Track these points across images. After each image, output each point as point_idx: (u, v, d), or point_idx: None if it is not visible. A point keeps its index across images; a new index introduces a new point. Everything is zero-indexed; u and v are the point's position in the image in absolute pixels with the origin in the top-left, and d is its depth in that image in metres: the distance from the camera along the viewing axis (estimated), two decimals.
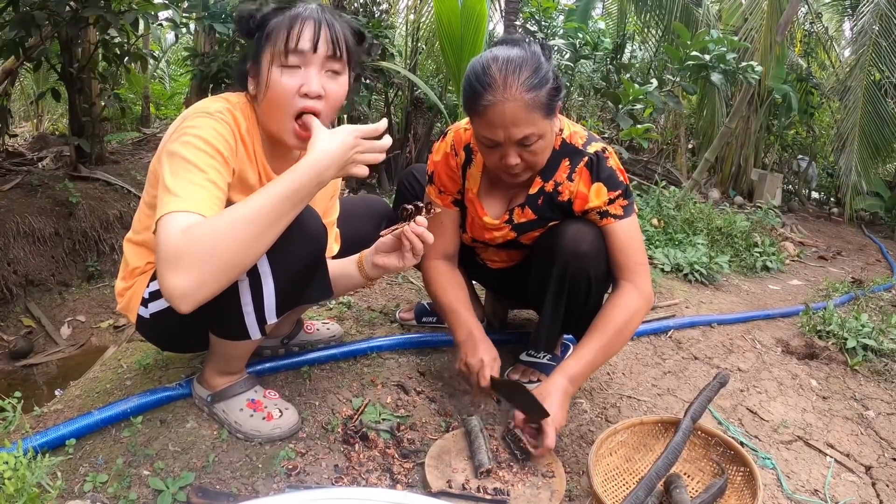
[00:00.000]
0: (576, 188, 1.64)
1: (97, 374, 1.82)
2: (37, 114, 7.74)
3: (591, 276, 1.63)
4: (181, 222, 1.11)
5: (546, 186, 1.66)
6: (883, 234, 6.81)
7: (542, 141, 1.50)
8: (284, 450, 1.46)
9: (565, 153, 1.64)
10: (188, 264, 1.08)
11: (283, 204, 1.16)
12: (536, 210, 1.69)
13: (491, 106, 1.43)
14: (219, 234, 1.10)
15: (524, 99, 1.42)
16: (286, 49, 1.29)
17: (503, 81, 1.42)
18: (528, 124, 1.45)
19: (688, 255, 3.57)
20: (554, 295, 1.68)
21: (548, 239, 1.69)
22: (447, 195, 1.79)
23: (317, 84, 1.30)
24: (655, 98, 4.42)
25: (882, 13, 6.45)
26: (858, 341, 2.52)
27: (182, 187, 1.17)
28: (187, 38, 7.92)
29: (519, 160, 1.51)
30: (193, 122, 1.27)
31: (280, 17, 1.33)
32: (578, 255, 1.60)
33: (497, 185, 1.73)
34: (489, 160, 1.59)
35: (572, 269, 1.62)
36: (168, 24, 4.36)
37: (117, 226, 3.94)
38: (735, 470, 1.47)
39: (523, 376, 1.89)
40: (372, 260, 1.48)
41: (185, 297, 1.09)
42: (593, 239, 1.62)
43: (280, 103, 1.31)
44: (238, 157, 1.34)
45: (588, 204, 1.63)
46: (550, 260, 1.65)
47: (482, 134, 1.51)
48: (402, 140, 5.83)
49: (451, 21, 4.19)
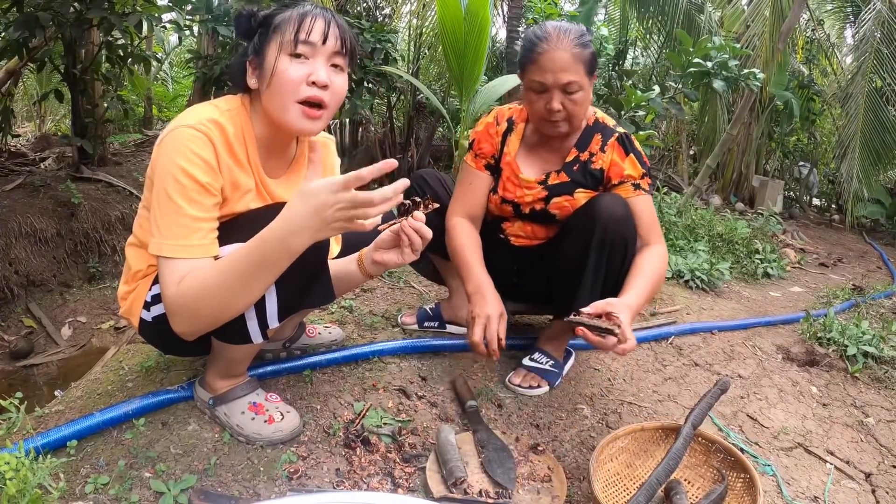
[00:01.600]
0: (609, 158, 1.85)
1: (98, 376, 1.82)
2: (39, 114, 7.75)
3: (628, 239, 1.74)
4: (175, 274, 1.26)
5: (581, 156, 1.87)
6: (884, 241, 6.80)
7: (582, 93, 1.73)
8: (286, 453, 1.46)
9: (597, 129, 1.88)
10: (182, 317, 1.28)
11: (253, 270, 1.22)
12: (571, 174, 1.87)
13: (544, 53, 1.70)
14: (199, 296, 1.24)
15: (572, 51, 1.69)
16: (296, 39, 1.31)
17: (556, 35, 1.71)
18: (573, 72, 1.70)
19: (689, 262, 3.57)
20: (595, 259, 1.74)
21: (583, 210, 1.81)
22: (482, 158, 1.98)
23: (325, 74, 1.33)
24: (657, 104, 4.43)
25: (884, 20, 6.46)
26: (859, 348, 2.52)
27: (170, 230, 1.27)
28: (190, 41, 7.95)
29: (561, 107, 1.73)
30: (175, 141, 1.29)
31: (288, 12, 1.35)
32: (617, 218, 1.72)
33: (534, 152, 1.93)
34: (536, 108, 1.79)
35: (612, 231, 1.71)
36: (171, 27, 4.36)
37: (119, 227, 3.95)
38: (735, 476, 1.47)
39: (524, 381, 1.90)
40: (372, 257, 1.48)
41: (187, 335, 1.33)
42: (626, 206, 1.76)
43: (286, 89, 1.32)
44: (224, 169, 1.35)
45: (624, 172, 1.83)
46: (590, 227, 1.73)
47: (534, 79, 1.74)
48: (404, 144, 5.83)
49: (454, 26, 4.20)
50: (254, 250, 1.20)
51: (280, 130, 1.42)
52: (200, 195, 1.29)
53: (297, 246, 1.17)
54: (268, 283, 1.25)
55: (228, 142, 1.36)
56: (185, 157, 1.27)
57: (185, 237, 1.28)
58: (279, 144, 1.47)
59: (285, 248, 1.17)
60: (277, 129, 1.42)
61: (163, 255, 1.28)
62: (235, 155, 1.38)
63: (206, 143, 1.30)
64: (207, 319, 1.29)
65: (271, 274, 1.23)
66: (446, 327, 2.21)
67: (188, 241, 1.28)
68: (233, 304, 1.26)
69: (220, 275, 1.24)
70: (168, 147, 1.29)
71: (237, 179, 1.39)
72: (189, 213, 1.28)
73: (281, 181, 1.51)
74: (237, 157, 1.38)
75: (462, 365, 2.01)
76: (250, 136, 1.41)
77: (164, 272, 1.28)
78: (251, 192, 1.43)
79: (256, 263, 1.20)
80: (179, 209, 1.27)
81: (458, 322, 2.20)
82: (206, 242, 1.30)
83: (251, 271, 1.21)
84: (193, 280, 1.25)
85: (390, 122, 5.83)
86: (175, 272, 1.27)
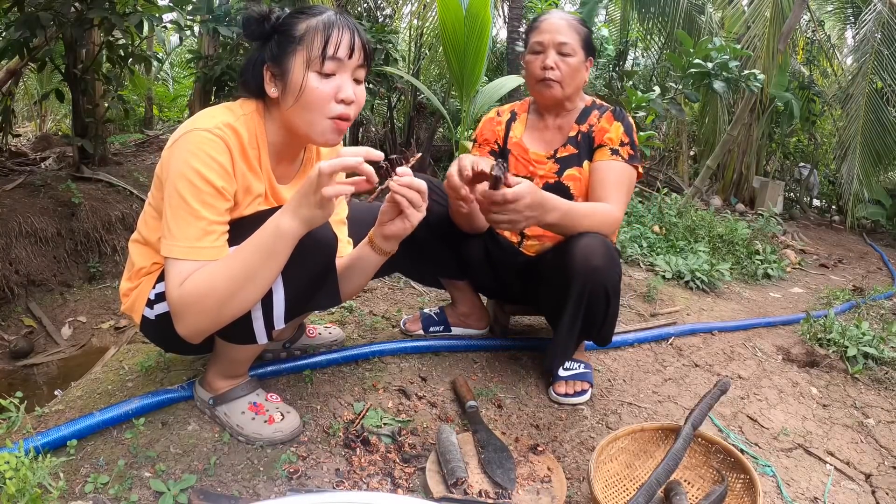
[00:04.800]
0: (601, 124, 1.93)
1: (98, 375, 1.82)
2: (40, 114, 7.76)
3: (609, 288, 1.69)
4: (181, 274, 1.26)
5: (582, 128, 1.96)
6: (884, 243, 6.80)
7: (575, 58, 1.89)
8: (286, 453, 1.46)
9: (594, 107, 1.99)
10: (186, 319, 1.27)
11: (254, 259, 1.23)
12: (576, 145, 1.94)
13: (544, 19, 1.93)
14: (203, 292, 1.24)
15: (569, 21, 1.92)
16: (324, 55, 1.30)
17: (556, 11, 1.98)
18: (568, 36, 1.88)
19: (689, 263, 3.57)
20: (571, 313, 1.72)
21: (559, 257, 1.73)
22: (485, 146, 2.07)
23: (351, 91, 1.34)
24: (658, 105, 4.43)
25: (884, 21, 6.46)
26: (859, 349, 2.52)
27: (183, 232, 1.27)
28: (191, 41, 7.96)
29: (555, 66, 1.87)
30: (191, 144, 1.28)
31: (310, 20, 1.33)
32: (595, 268, 1.65)
33: (538, 133, 2.02)
34: (532, 68, 1.92)
35: (590, 284, 1.67)
36: (172, 27, 4.37)
37: (119, 227, 3.95)
38: (735, 477, 1.47)
39: (569, 388, 1.89)
40: (381, 233, 1.45)
41: (192, 337, 1.32)
42: (604, 251, 1.67)
43: (316, 107, 1.32)
44: (238, 174, 1.35)
45: (606, 135, 1.90)
46: (565, 279, 1.69)
47: (534, 41, 1.92)
48: (405, 145, 5.83)
49: (454, 27, 4.20)
50: (252, 239, 1.24)
51: (297, 139, 1.42)
52: (215, 199, 1.29)
53: (287, 228, 1.20)
54: (271, 274, 1.25)
55: (243, 146, 1.35)
56: (201, 161, 1.27)
57: (198, 240, 1.27)
58: (291, 151, 1.47)
59: (278, 232, 1.21)
60: (294, 137, 1.42)
61: (173, 257, 1.28)
62: (249, 160, 1.38)
63: (222, 147, 1.30)
64: (212, 317, 1.27)
65: (273, 261, 1.23)
66: (452, 331, 2.20)
67: (200, 244, 1.27)
68: (237, 298, 1.25)
69: (223, 269, 1.24)
70: (183, 149, 1.28)
71: (250, 185, 1.39)
72: (203, 216, 1.27)
73: (290, 186, 1.51)
74: (250, 163, 1.38)
75: (462, 365, 2.02)
76: (263, 141, 1.40)
77: (171, 273, 1.28)
78: (261, 197, 1.43)
79: (254, 251, 1.23)
80: (193, 212, 1.27)
81: (464, 326, 2.20)
82: (217, 245, 1.30)
83: (252, 260, 1.22)
84: (197, 278, 1.25)
85: (391, 123, 5.83)
86: (182, 273, 1.26)
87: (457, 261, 2.01)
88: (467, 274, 2.07)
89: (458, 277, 2.11)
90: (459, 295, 2.18)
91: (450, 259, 1.99)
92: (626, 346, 2.37)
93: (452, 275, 2.10)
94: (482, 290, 2.21)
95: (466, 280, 2.12)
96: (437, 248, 1.93)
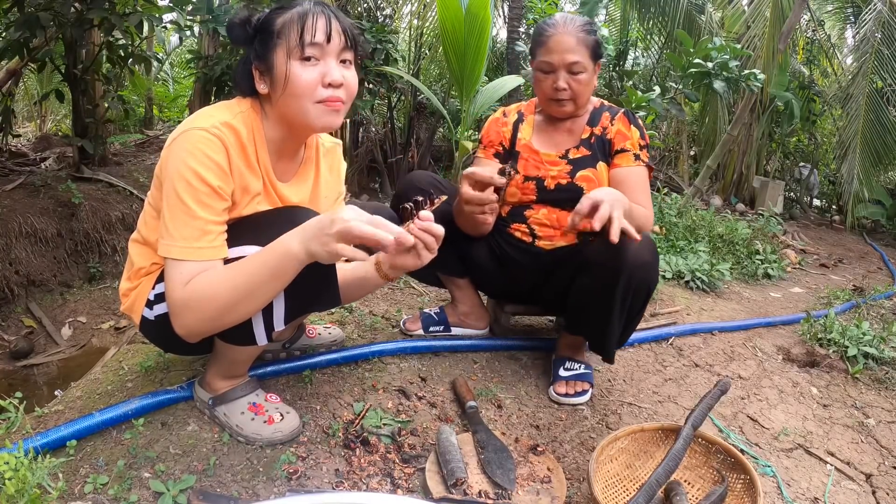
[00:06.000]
0: (616, 127, 1.94)
1: (98, 376, 1.82)
2: (40, 114, 7.75)
3: (650, 286, 1.73)
4: (183, 275, 1.27)
5: (595, 130, 1.97)
6: (884, 242, 6.79)
7: (586, 74, 1.88)
8: (285, 454, 1.46)
9: (604, 109, 2.00)
10: (188, 318, 1.27)
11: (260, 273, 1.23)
12: (589, 147, 1.95)
13: (552, 36, 1.86)
14: (205, 299, 1.25)
15: (577, 35, 1.85)
16: (302, 43, 1.30)
17: (563, 22, 1.88)
18: (578, 54, 1.85)
19: (689, 263, 3.57)
20: (620, 304, 1.71)
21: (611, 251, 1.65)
22: (490, 148, 2.07)
23: (338, 73, 1.33)
24: (658, 105, 4.42)
25: (884, 21, 6.46)
26: (859, 349, 2.52)
27: (180, 232, 1.28)
28: (191, 41, 7.96)
29: (567, 87, 1.87)
30: (188, 143, 1.28)
31: (285, 14, 1.33)
32: (643, 264, 1.67)
33: (548, 135, 2.01)
34: (543, 87, 1.92)
35: (637, 279, 1.67)
36: (172, 27, 4.36)
37: (119, 227, 3.94)
38: (735, 477, 1.47)
39: (569, 388, 1.89)
40: (389, 261, 1.44)
41: (189, 337, 1.32)
42: (653, 248, 1.71)
43: (303, 93, 1.32)
44: (236, 173, 1.35)
45: (627, 141, 1.92)
46: (616, 270, 1.66)
47: (542, 60, 1.89)
48: (405, 145, 5.83)
49: (454, 27, 4.20)
50: (261, 254, 1.24)
51: (294, 132, 1.42)
52: (212, 199, 1.29)
53: (296, 253, 1.20)
54: (274, 291, 1.26)
55: (241, 144, 1.35)
56: (197, 160, 1.27)
57: (195, 240, 1.28)
58: (290, 147, 1.47)
59: (288, 254, 1.20)
60: (293, 131, 1.42)
61: (171, 258, 1.28)
62: (247, 157, 1.38)
63: (219, 147, 1.30)
64: (211, 322, 1.28)
65: (278, 281, 1.24)
66: (452, 331, 2.20)
67: (198, 244, 1.28)
68: (238, 308, 1.26)
69: (227, 279, 1.25)
70: (180, 148, 1.28)
71: (248, 184, 1.39)
72: (200, 216, 1.28)
73: (290, 184, 1.51)
74: (248, 160, 1.38)
75: (462, 365, 2.01)
76: (261, 138, 1.40)
77: (171, 274, 1.28)
78: (259, 196, 1.42)
79: (261, 266, 1.23)
80: (190, 212, 1.27)
81: (464, 325, 2.20)
82: (215, 245, 1.30)
83: (258, 274, 1.23)
84: (201, 283, 1.25)
85: (391, 123, 5.82)
86: (183, 274, 1.27)
87: (458, 257, 2.01)
88: (469, 271, 2.07)
89: (458, 274, 2.11)
90: (460, 293, 2.17)
91: (451, 255, 1.99)
92: (626, 346, 2.36)
93: (453, 271, 2.10)
94: (484, 289, 2.21)
95: (467, 278, 2.12)
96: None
